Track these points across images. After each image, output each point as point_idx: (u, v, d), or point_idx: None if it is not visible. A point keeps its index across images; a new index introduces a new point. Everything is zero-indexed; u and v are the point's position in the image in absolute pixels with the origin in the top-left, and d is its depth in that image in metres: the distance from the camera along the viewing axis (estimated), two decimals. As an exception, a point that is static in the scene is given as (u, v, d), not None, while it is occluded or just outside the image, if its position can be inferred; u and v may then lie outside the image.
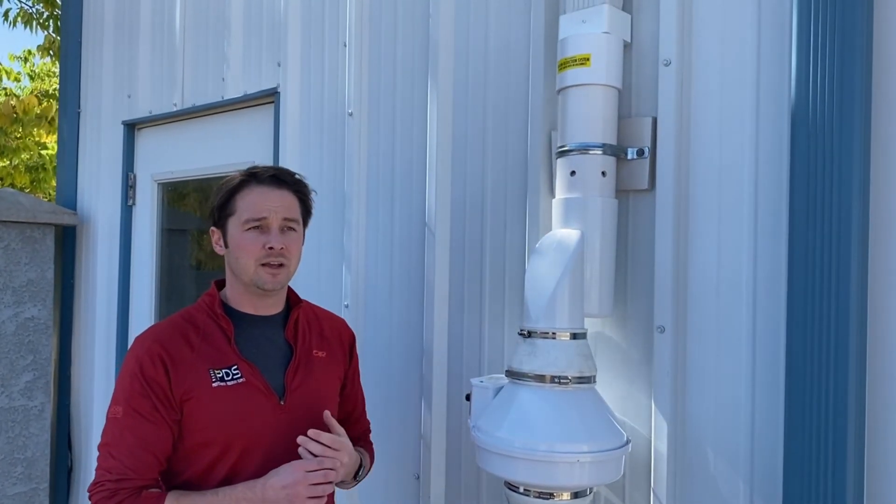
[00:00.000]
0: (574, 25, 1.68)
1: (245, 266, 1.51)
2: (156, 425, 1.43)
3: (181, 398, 1.45)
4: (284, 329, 1.60)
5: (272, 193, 1.53)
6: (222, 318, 1.53)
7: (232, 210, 1.53)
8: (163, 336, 1.50)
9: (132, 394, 1.44)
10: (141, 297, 3.15)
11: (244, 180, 1.54)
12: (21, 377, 3.15)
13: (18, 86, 10.12)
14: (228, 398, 1.47)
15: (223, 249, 1.56)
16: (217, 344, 1.51)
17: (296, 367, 1.56)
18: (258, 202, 1.52)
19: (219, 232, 1.57)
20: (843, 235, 1.37)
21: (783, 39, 1.50)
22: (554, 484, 1.50)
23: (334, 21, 2.37)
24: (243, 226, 1.51)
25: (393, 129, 2.20)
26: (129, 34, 3.21)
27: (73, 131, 3.46)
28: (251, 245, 1.50)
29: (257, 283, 1.52)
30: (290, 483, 1.39)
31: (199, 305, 1.57)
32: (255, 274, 1.51)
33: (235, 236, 1.52)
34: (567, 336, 1.55)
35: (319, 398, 1.59)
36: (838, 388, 1.36)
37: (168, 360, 1.46)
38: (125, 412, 1.44)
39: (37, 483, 3.20)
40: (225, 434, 1.47)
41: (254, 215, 1.50)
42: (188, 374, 1.46)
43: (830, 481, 1.36)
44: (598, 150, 1.64)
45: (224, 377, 1.48)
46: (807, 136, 1.41)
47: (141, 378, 1.44)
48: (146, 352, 1.46)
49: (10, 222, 3.10)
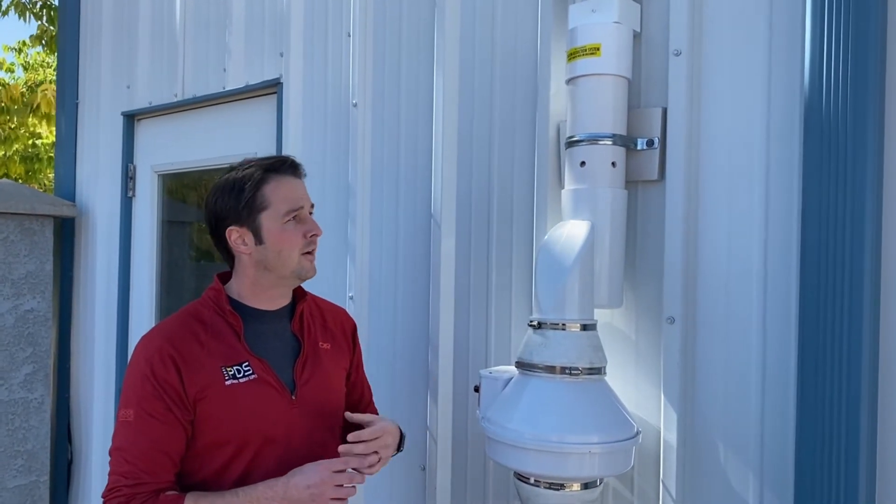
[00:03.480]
0: (584, 15, 1.67)
1: (288, 258, 1.49)
2: (170, 427, 1.40)
3: (195, 398, 1.42)
4: (290, 322, 1.58)
5: (297, 182, 1.53)
6: (230, 313, 1.50)
7: (264, 205, 1.47)
8: (172, 334, 1.46)
9: (143, 396, 1.40)
10: (141, 289, 3.13)
11: (266, 174, 1.49)
12: (21, 369, 3.13)
13: (12, 76, 10.04)
14: (242, 396, 1.44)
15: (252, 247, 1.49)
16: (227, 340, 1.48)
17: (304, 361, 1.55)
18: (292, 193, 1.50)
19: (242, 230, 1.49)
20: (856, 226, 1.36)
21: (795, 28, 1.49)
22: (564, 475, 1.50)
23: (338, 10, 2.35)
24: (283, 218, 1.47)
25: (398, 119, 2.19)
26: (129, 24, 3.18)
27: (72, 122, 3.44)
28: (294, 236, 1.48)
29: (300, 274, 1.51)
30: (316, 483, 1.36)
31: (204, 301, 1.54)
32: (299, 264, 1.50)
33: (274, 230, 1.47)
34: (577, 327, 1.55)
35: (328, 390, 1.58)
36: (850, 378, 1.36)
37: (179, 359, 1.42)
38: (137, 415, 1.40)
39: (37, 475, 3.19)
40: (240, 432, 1.44)
41: (293, 206, 1.48)
42: (201, 372, 1.43)
43: (842, 473, 1.36)
44: (607, 140, 1.63)
45: (236, 374, 1.45)
46: (819, 126, 1.40)
47: (152, 379, 1.40)
48: (156, 351, 1.42)
49: (9, 214, 3.08)
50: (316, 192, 2.38)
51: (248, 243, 1.49)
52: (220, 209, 1.50)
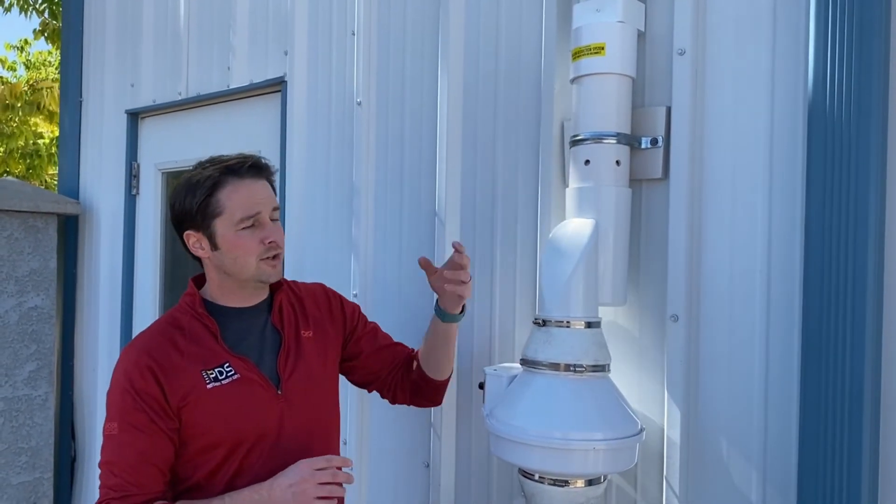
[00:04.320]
0: (588, 14, 1.67)
1: (245, 265, 1.47)
2: (154, 437, 1.40)
3: (177, 406, 1.41)
4: (270, 315, 1.57)
5: (256, 186, 1.48)
6: (205, 316, 1.49)
7: (218, 210, 1.44)
8: (149, 345, 1.46)
9: (125, 409, 1.40)
10: (144, 286, 3.14)
11: (221, 177, 1.45)
12: (24, 367, 3.15)
13: (14, 74, 10.05)
14: (227, 397, 1.44)
15: (207, 252, 1.48)
16: (205, 344, 1.47)
17: (286, 354, 1.54)
18: (248, 199, 1.45)
19: (198, 234, 1.48)
20: (859, 224, 1.37)
21: (799, 27, 1.50)
22: (569, 471, 1.51)
23: (342, 9, 2.36)
24: (237, 226, 1.45)
25: (402, 118, 2.20)
26: (132, 22, 3.19)
27: (75, 120, 3.44)
28: (250, 243, 1.45)
29: (260, 278, 1.50)
30: (297, 481, 1.35)
31: (181, 307, 1.53)
32: (258, 269, 1.48)
33: (228, 237, 1.45)
34: (582, 325, 1.56)
35: (314, 381, 1.57)
36: (854, 377, 1.37)
37: (158, 369, 1.41)
38: (121, 428, 1.40)
39: (41, 472, 3.20)
40: (232, 433, 1.44)
41: (248, 213, 1.45)
42: (181, 380, 1.42)
43: (845, 470, 1.37)
44: (612, 139, 1.64)
45: (218, 376, 1.44)
46: (823, 125, 1.41)
47: (132, 392, 1.40)
48: (134, 364, 1.42)
49: (13, 212, 3.09)
50: (320, 190, 2.40)
51: (204, 248, 1.48)
52: (177, 211, 1.49)
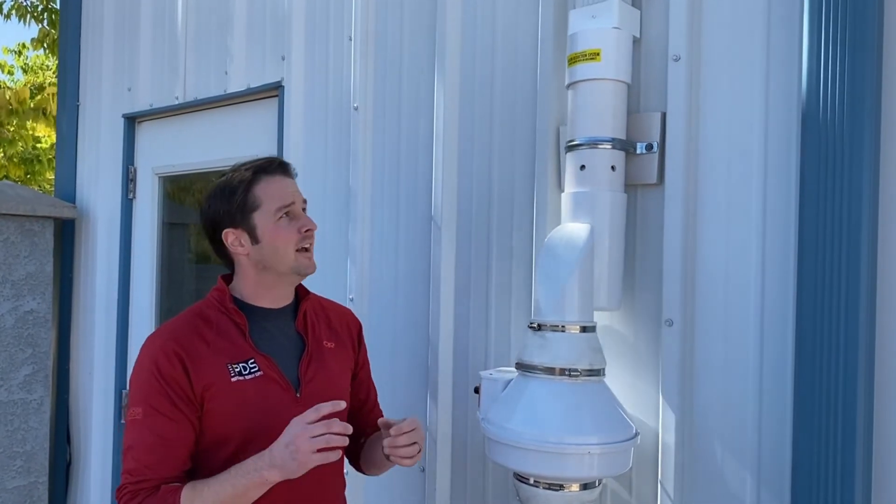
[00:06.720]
0: (584, 20, 1.68)
1: (284, 255, 1.51)
2: (177, 423, 1.41)
3: (201, 394, 1.43)
4: (294, 321, 1.60)
5: (286, 181, 1.56)
6: (235, 312, 1.52)
7: (256, 204, 1.51)
8: (177, 332, 1.48)
9: (150, 393, 1.42)
10: (141, 290, 3.14)
11: (254, 175, 1.53)
12: (20, 370, 3.14)
13: (11, 79, 10.06)
14: (248, 392, 1.46)
15: (249, 248, 1.52)
16: (232, 338, 1.50)
17: (309, 359, 1.56)
18: (281, 190, 1.52)
19: (238, 231, 1.52)
20: (853, 230, 1.38)
21: (793, 34, 1.51)
22: (564, 475, 1.51)
23: (339, 14, 2.37)
24: (275, 215, 1.50)
25: (399, 123, 2.20)
26: (130, 26, 3.19)
27: (73, 124, 3.44)
28: (287, 232, 1.51)
29: (297, 270, 1.54)
30: (291, 439, 1.33)
31: (208, 301, 1.56)
32: (295, 261, 1.52)
33: (269, 228, 1.50)
34: (577, 329, 1.56)
35: (332, 389, 1.58)
36: (847, 380, 1.37)
37: (185, 356, 1.43)
38: (145, 412, 1.41)
39: (36, 476, 3.19)
40: (245, 429, 1.45)
41: (283, 202, 1.51)
42: (207, 369, 1.44)
43: (839, 474, 1.37)
44: (607, 144, 1.64)
45: (242, 371, 1.46)
46: (816, 130, 1.42)
47: (158, 376, 1.42)
48: (161, 349, 1.44)
49: (10, 215, 3.09)
50: (317, 194, 2.40)
51: (244, 244, 1.53)
52: (214, 213, 1.55)
